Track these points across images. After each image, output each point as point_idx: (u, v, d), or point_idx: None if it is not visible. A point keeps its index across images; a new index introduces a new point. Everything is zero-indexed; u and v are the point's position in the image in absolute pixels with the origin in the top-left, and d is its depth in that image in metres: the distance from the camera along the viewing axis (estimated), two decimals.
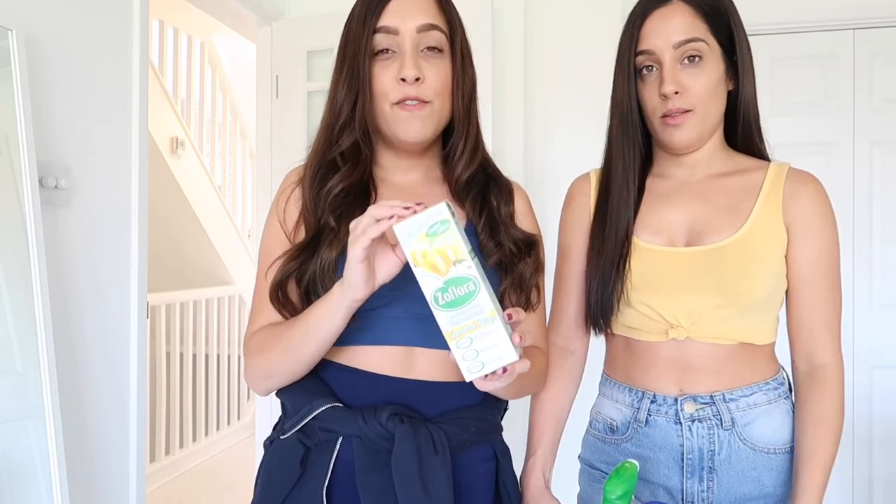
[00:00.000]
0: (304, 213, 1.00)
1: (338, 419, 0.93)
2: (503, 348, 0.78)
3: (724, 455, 1.07)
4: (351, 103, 0.98)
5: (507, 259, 0.99)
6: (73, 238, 1.87)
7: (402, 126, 0.98)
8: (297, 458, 0.95)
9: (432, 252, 0.78)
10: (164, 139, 4.37)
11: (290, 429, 0.96)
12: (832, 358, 1.08)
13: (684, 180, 1.14)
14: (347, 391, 0.95)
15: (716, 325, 1.07)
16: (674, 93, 1.05)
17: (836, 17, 2.54)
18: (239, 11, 2.74)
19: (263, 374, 0.97)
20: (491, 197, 1.04)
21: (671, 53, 1.05)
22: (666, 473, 1.10)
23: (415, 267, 0.79)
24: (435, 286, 0.78)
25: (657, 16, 1.07)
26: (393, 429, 0.90)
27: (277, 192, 1.06)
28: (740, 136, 1.14)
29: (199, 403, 4.14)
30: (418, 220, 0.78)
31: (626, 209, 1.12)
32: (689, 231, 1.10)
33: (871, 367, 2.54)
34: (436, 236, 0.78)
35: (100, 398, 1.96)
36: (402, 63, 0.96)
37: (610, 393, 1.18)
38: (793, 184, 1.09)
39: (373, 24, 0.97)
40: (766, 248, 1.07)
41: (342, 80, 0.99)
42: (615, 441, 1.16)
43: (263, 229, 1.05)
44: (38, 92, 1.76)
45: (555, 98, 2.65)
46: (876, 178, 2.55)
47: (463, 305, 0.78)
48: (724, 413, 1.07)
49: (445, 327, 0.79)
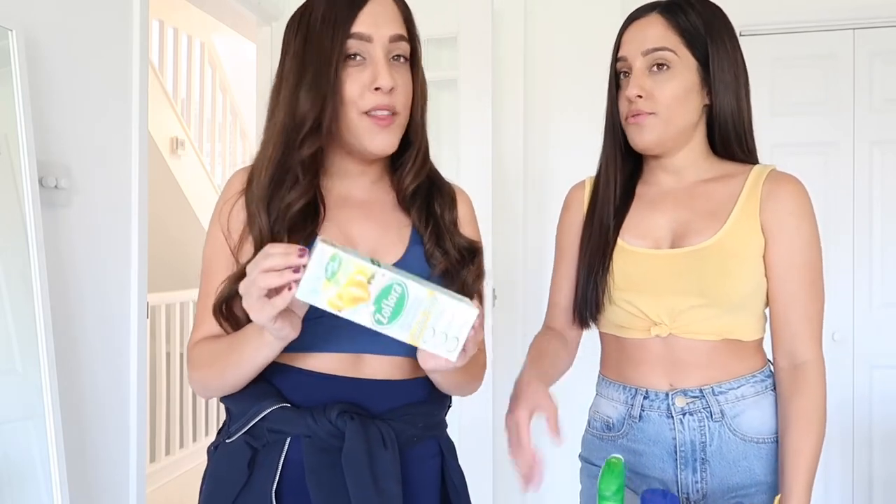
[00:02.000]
0: (252, 228, 0.95)
1: (286, 419, 0.93)
2: (462, 312, 0.80)
3: (716, 446, 1.12)
4: (317, 109, 0.93)
5: (453, 267, 1.00)
6: (73, 238, 1.87)
7: (369, 137, 0.96)
8: (245, 461, 0.94)
9: (344, 289, 0.77)
10: (164, 139, 4.37)
11: (236, 432, 0.95)
12: (813, 355, 1.11)
13: (670, 187, 1.20)
14: (295, 392, 0.95)
15: (698, 323, 1.11)
16: (637, 96, 1.12)
17: (836, 17, 2.54)
18: (239, 11, 2.74)
19: (202, 386, 0.98)
20: (435, 204, 1.04)
21: (640, 60, 1.13)
22: (661, 466, 1.14)
23: (339, 312, 0.78)
24: (369, 312, 0.78)
25: (634, 27, 1.17)
26: (343, 426, 0.90)
27: (220, 199, 1.02)
28: (718, 145, 1.20)
29: (199, 403, 4.14)
30: (312, 273, 0.76)
31: (608, 208, 1.19)
32: (674, 234, 1.16)
33: (871, 367, 2.55)
34: (336, 274, 0.77)
35: (100, 398, 1.96)
36: (377, 71, 0.94)
37: (605, 392, 1.23)
38: (771, 185, 1.13)
39: (346, 28, 0.94)
40: (744, 249, 1.11)
41: (305, 84, 0.94)
42: (612, 438, 1.20)
43: (207, 235, 1.01)
44: (38, 92, 1.76)
45: (554, 98, 2.65)
46: (876, 178, 2.56)
47: (404, 309, 0.79)
48: (713, 405, 1.12)
49: (403, 337, 0.79)
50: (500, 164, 2.57)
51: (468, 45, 2.55)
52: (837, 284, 2.52)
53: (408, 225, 1.02)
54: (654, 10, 1.16)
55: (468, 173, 2.53)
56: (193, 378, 0.99)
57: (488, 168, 2.50)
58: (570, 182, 1.32)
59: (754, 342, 1.15)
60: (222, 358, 0.93)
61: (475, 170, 2.52)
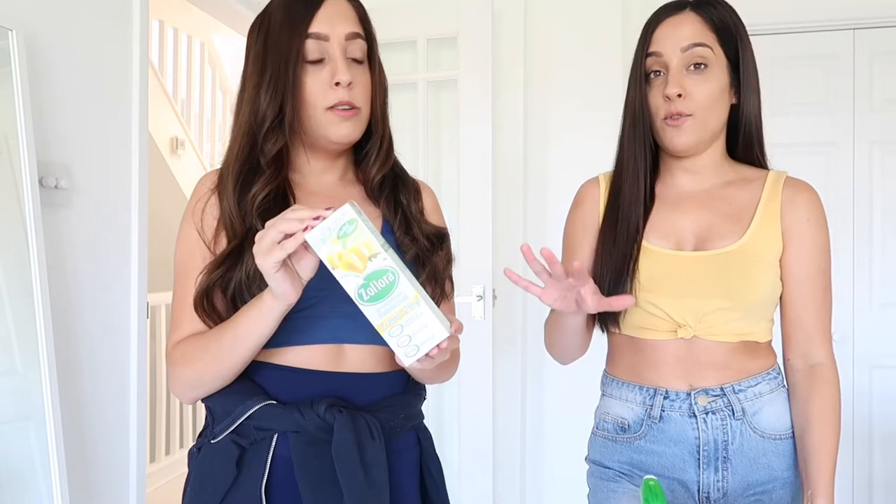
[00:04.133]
0: (224, 220, 0.99)
1: (273, 416, 0.94)
2: (434, 328, 0.82)
3: (738, 444, 1.13)
4: (276, 108, 0.98)
5: (423, 253, 1.04)
6: (74, 238, 1.87)
7: (333, 128, 1.00)
8: (233, 460, 0.95)
9: (347, 252, 0.81)
10: (164, 139, 4.37)
11: (221, 432, 0.96)
12: (827, 357, 1.15)
13: (691, 188, 1.20)
14: (279, 388, 0.97)
15: (721, 325, 1.12)
16: (677, 95, 1.10)
17: (836, 17, 2.54)
18: (239, 11, 2.74)
19: (192, 383, 0.98)
20: (401, 196, 1.08)
21: (678, 57, 1.12)
22: (681, 467, 1.14)
23: (333, 270, 0.82)
24: (356, 284, 0.82)
25: (668, 23, 1.14)
26: (331, 420, 0.93)
27: (191, 200, 1.04)
28: (741, 147, 1.20)
29: (199, 403, 4.13)
30: (328, 225, 0.81)
31: (636, 209, 1.17)
32: (697, 237, 1.16)
33: (871, 367, 2.55)
34: (347, 237, 0.81)
35: (100, 398, 1.96)
36: (335, 68, 0.98)
37: (617, 393, 1.20)
38: (790, 192, 1.16)
39: (303, 29, 0.98)
40: (765, 253, 1.14)
41: (265, 84, 0.98)
42: (628, 439, 1.18)
43: (178, 238, 1.03)
44: (38, 92, 1.76)
45: (554, 98, 2.65)
46: (876, 178, 2.56)
47: (387, 296, 0.82)
48: (735, 403, 1.13)
49: (375, 320, 0.82)
50: (499, 163, 2.57)
51: (468, 45, 2.55)
52: (837, 284, 2.50)
53: (378, 216, 1.06)
54: (685, 8, 1.15)
55: (468, 173, 2.53)
56: (181, 377, 0.98)
57: (488, 168, 2.50)
58: (570, 181, 1.31)
59: (767, 343, 1.18)
60: (216, 343, 0.94)
61: (475, 169, 2.52)
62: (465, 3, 2.55)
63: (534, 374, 2.63)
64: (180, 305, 1.00)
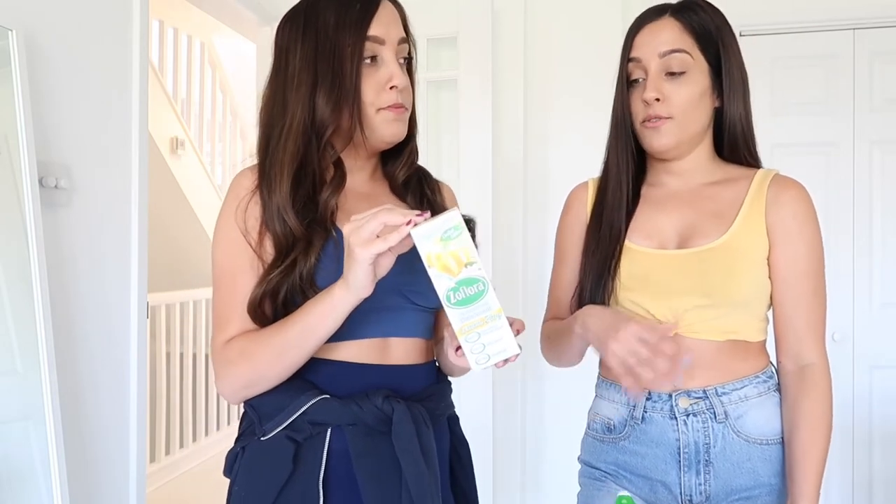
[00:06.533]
0: (272, 222, 0.98)
1: (330, 410, 0.96)
2: (508, 342, 0.87)
3: (720, 448, 1.11)
4: (338, 110, 0.99)
5: None
6: (74, 238, 1.87)
7: (387, 127, 1.02)
8: (289, 456, 0.96)
9: (446, 255, 0.85)
10: (164, 139, 4.37)
11: (272, 429, 0.97)
12: (819, 358, 1.13)
13: (676, 189, 1.20)
14: (332, 383, 0.98)
15: (703, 323, 1.11)
16: (654, 99, 1.12)
17: (836, 17, 2.54)
18: (239, 11, 2.74)
19: (247, 381, 0.97)
20: (427, 190, 1.13)
21: (657, 62, 1.13)
22: (663, 469, 1.13)
23: (429, 268, 0.85)
24: (447, 286, 0.85)
25: (648, 29, 1.16)
26: (389, 410, 0.95)
27: (229, 199, 1.02)
28: (727, 149, 1.21)
29: (199, 403, 4.14)
30: (434, 225, 0.84)
31: (618, 211, 1.19)
32: (680, 235, 1.16)
33: (871, 367, 2.55)
34: (449, 240, 0.84)
35: (100, 398, 1.96)
36: (392, 71, 1.01)
37: (606, 393, 1.22)
38: (775, 190, 1.15)
39: (364, 32, 1.00)
40: (750, 251, 1.13)
41: (324, 87, 0.99)
42: (613, 440, 1.19)
43: (218, 237, 1.02)
44: (38, 92, 1.76)
45: (554, 98, 2.65)
46: (876, 178, 2.56)
47: (473, 304, 0.86)
48: (717, 406, 1.11)
49: (456, 324, 0.86)
50: (499, 163, 2.57)
51: (468, 45, 2.55)
52: (837, 284, 2.52)
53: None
54: (665, 13, 1.16)
55: (468, 173, 2.53)
56: (234, 374, 0.98)
57: (488, 167, 2.50)
58: (569, 181, 1.32)
59: (758, 343, 1.16)
60: (279, 338, 0.94)
61: (475, 169, 2.52)
62: (465, 3, 2.55)
63: (534, 374, 2.63)
64: (227, 305, 1.00)
